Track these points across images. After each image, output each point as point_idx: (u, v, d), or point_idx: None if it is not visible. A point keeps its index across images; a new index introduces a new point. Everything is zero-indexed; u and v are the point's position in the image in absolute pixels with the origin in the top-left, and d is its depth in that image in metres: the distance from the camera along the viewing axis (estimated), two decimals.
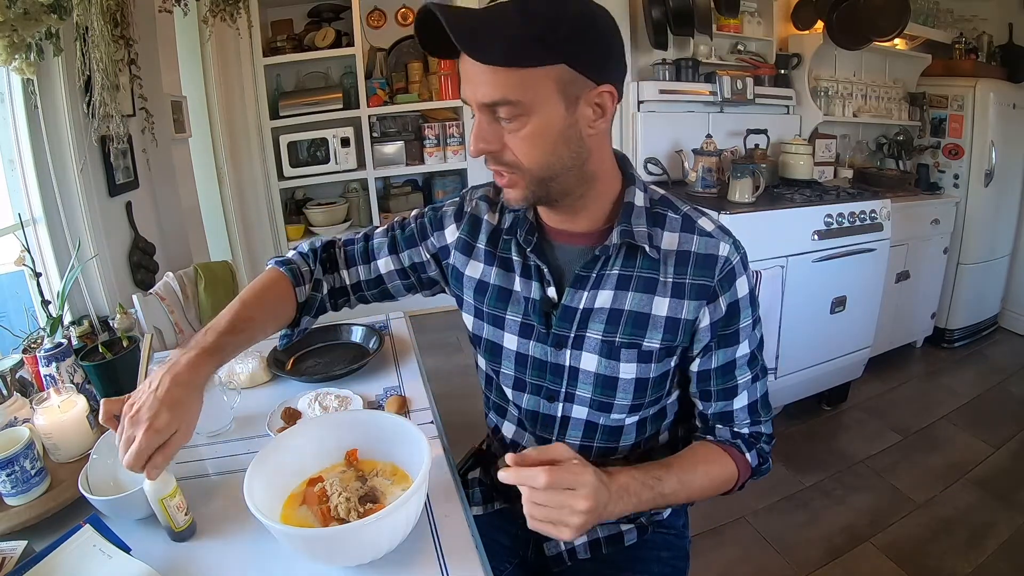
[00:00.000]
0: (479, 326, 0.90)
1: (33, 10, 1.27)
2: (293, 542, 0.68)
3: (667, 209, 0.80)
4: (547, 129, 0.69)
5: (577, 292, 0.80)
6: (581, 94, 0.69)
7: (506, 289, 0.86)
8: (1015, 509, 1.84)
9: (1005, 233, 2.99)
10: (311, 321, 0.96)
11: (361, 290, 0.97)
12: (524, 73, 0.66)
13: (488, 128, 0.70)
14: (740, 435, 0.85)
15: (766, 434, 0.85)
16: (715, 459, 0.82)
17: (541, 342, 0.84)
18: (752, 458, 0.83)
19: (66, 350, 1.01)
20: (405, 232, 0.95)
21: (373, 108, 3.15)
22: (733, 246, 0.78)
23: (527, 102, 0.67)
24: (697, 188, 2.31)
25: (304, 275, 0.93)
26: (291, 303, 0.91)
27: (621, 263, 0.79)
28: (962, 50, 2.95)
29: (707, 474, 0.80)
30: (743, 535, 1.79)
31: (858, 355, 2.39)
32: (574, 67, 0.67)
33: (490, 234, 0.88)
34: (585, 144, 0.72)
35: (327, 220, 3.23)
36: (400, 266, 0.96)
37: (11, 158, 1.52)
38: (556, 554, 0.92)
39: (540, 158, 0.71)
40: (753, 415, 0.84)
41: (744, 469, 0.83)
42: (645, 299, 0.78)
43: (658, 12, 2.41)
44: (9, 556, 0.70)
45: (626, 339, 0.79)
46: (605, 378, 0.81)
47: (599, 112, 0.71)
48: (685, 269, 0.77)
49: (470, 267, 0.90)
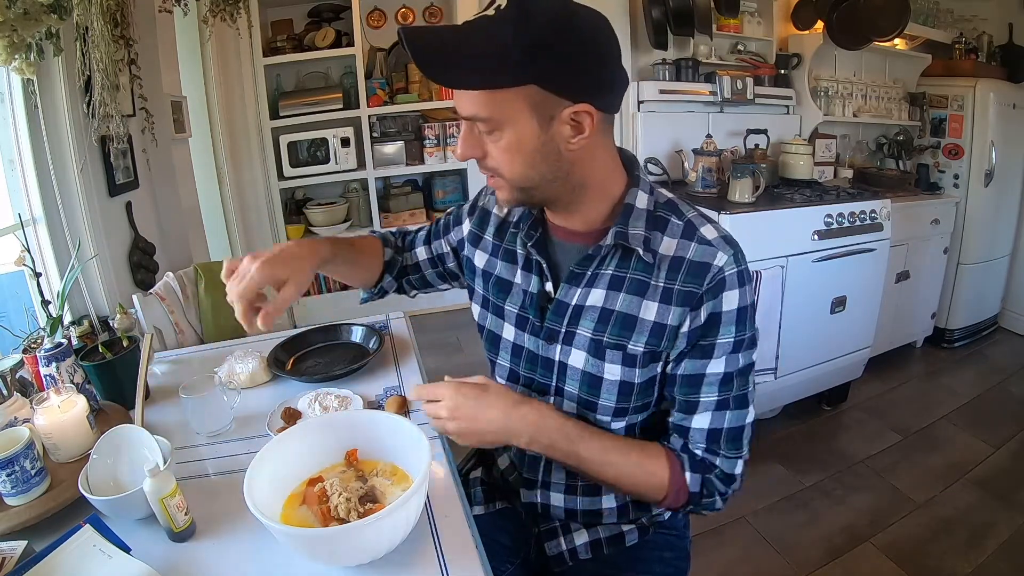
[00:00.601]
0: (483, 315, 0.95)
1: (33, 10, 1.27)
2: (293, 542, 0.68)
3: (671, 214, 0.79)
4: (521, 144, 0.71)
5: (571, 288, 0.82)
6: (555, 113, 0.70)
7: (508, 281, 0.90)
8: (1015, 509, 1.84)
9: (1005, 233, 2.99)
10: (392, 283, 1.09)
11: (408, 274, 1.10)
12: (495, 93, 0.68)
13: (471, 137, 0.74)
14: (690, 452, 0.80)
15: (722, 469, 0.79)
16: (650, 456, 0.80)
17: (534, 335, 0.86)
18: (692, 482, 0.79)
19: (66, 350, 1.01)
20: (438, 225, 1.07)
21: (373, 108, 3.16)
22: (733, 258, 0.75)
23: (499, 119, 0.69)
24: (697, 188, 2.31)
25: (390, 241, 1.10)
26: (379, 256, 1.06)
27: (616, 264, 0.80)
28: (962, 50, 2.95)
29: (637, 466, 0.79)
30: (743, 535, 1.79)
31: (858, 355, 2.39)
32: (545, 88, 0.68)
33: (498, 226, 0.94)
34: (565, 158, 0.73)
35: (327, 220, 3.23)
36: (430, 256, 1.08)
37: (11, 158, 1.51)
38: (557, 554, 0.93)
39: (518, 170, 0.73)
40: (711, 443, 0.79)
41: (677, 485, 0.79)
42: (635, 301, 0.78)
43: (658, 12, 2.41)
44: (9, 556, 0.70)
45: (613, 339, 0.79)
46: (591, 376, 0.81)
47: (577, 129, 0.71)
48: (677, 275, 0.76)
49: (478, 257, 0.96)
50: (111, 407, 1.06)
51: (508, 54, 0.65)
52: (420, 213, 3.40)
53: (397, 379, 1.16)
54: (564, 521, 0.93)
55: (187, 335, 1.74)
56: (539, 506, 0.93)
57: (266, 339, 1.34)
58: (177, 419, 1.03)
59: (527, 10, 0.65)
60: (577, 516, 0.92)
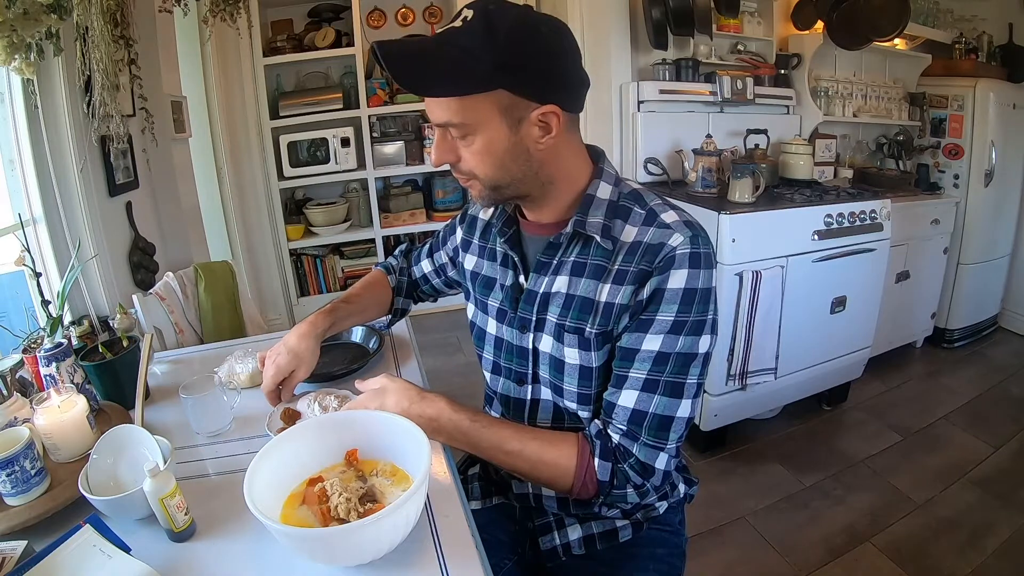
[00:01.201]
0: (474, 313, 1.00)
1: (33, 10, 1.27)
2: (293, 542, 0.68)
3: (634, 203, 0.82)
4: (492, 147, 0.75)
5: (539, 277, 0.86)
6: (524, 115, 0.74)
7: (491, 278, 0.96)
8: (1015, 509, 1.84)
9: (1005, 233, 2.99)
10: (406, 302, 1.22)
11: (418, 287, 1.21)
12: (466, 99, 0.72)
13: (444, 143, 0.78)
14: (606, 438, 0.79)
15: (638, 458, 0.77)
16: (559, 446, 0.80)
17: (510, 325, 0.91)
18: (601, 470, 0.77)
19: (66, 350, 1.01)
20: (438, 239, 1.15)
21: (373, 108, 3.16)
22: (689, 239, 0.75)
23: (471, 123, 0.74)
24: (697, 188, 2.31)
25: (395, 268, 1.21)
26: (386, 286, 1.19)
27: (577, 251, 0.83)
28: (962, 50, 2.95)
29: (539, 454, 0.80)
30: (743, 535, 1.79)
31: (858, 355, 2.39)
32: (513, 92, 0.72)
33: (483, 229, 1.00)
34: (535, 158, 0.78)
35: (327, 220, 3.23)
36: (434, 267, 1.17)
37: (11, 158, 1.51)
38: (551, 549, 0.94)
39: (490, 171, 0.78)
40: (633, 425, 0.77)
41: (584, 471, 0.78)
42: (592, 285, 0.81)
43: (658, 12, 2.40)
44: (9, 556, 0.70)
45: (573, 324, 0.82)
46: (556, 360, 0.85)
47: (545, 129, 0.76)
48: (633, 258, 0.78)
49: (468, 260, 1.02)
50: (111, 407, 1.06)
51: (477, 62, 0.70)
52: (420, 213, 3.40)
53: None
54: (558, 515, 0.94)
55: (187, 335, 1.74)
56: (531, 497, 0.95)
57: (266, 339, 1.34)
58: (177, 419, 1.03)
59: (492, 21, 0.70)
60: (569, 508, 0.92)
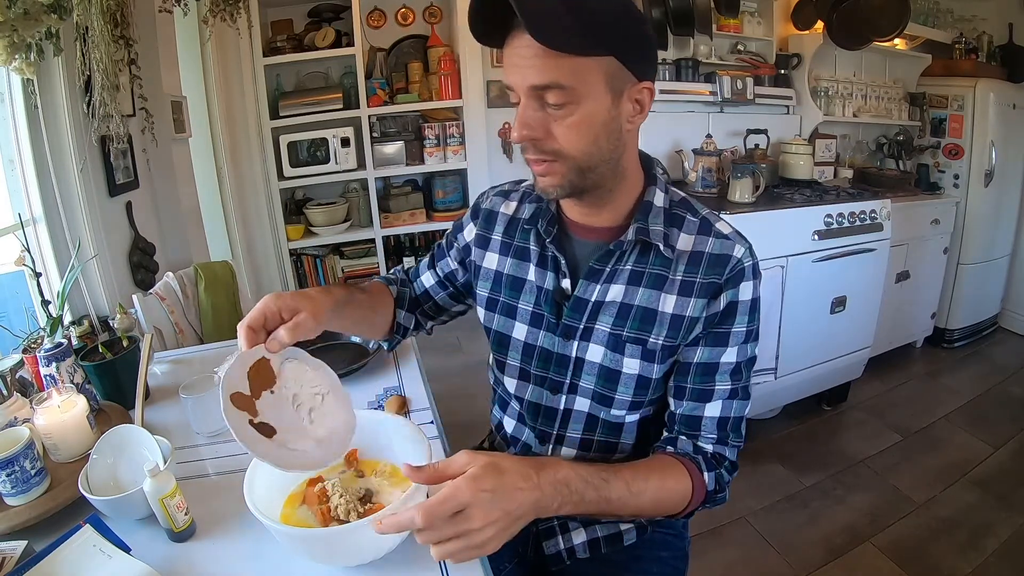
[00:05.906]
0: (490, 317, 0.93)
1: (33, 10, 1.27)
2: (293, 542, 0.68)
3: (686, 212, 0.82)
4: (593, 118, 0.71)
5: (590, 284, 0.82)
6: (624, 88, 0.72)
7: (519, 278, 0.89)
8: (1015, 509, 1.84)
9: (1005, 233, 2.99)
10: (408, 318, 1.03)
11: (420, 304, 1.04)
12: (575, 61, 0.67)
13: (534, 115, 0.71)
14: (702, 451, 0.80)
15: (729, 460, 0.81)
16: (671, 473, 0.76)
17: (550, 332, 0.86)
18: (710, 481, 0.78)
19: (66, 350, 1.01)
20: (439, 248, 1.04)
21: (373, 108, 3.15)
22: (748, 251, 0.79)
23: (577, 88, 0.69)
24: (697, 188, 2.31)
25: (393, 279, 1.04)
26: (388, 295, 1.01)
27: (635, 259, 0.81)
28: (962, 50, 2.95)
29: (661, 487, 0.74)
30: (743, 535, 1.79)
31: (858, 355, 2.39)
32: (621, 60, 0.70)
33: (507, 225, 0.93)
34: (623, 138, 0.75)
35: (327, 220, 3.22)
36: (438, 278, 1.02)
37: (11, 158, 1.51)
38: (555, 553, 0.92)
39: (584, 146, 0.72)
40: (721, 431, 0.80)
41: (699, 490, 0.77)
42: (654, 295, 0.79)
43: (658, 12, 2.40)
44: (9, 556, 0.70)
45: (632, 334, 0.80)
46: (608, 371, 0.82)
47: (638, 108, 0.74)
48: (697, 269, 0.78)
49: (486, 259, 0.94)
50: (111, 407, 1.06)
51: (593, 23, 0.67)
52: (420, 213, 3.39)
53: (397, 379, 1.16)
54: (561, 519, 0.93)
55: (187, 335, 1.74)
56: None
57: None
58: (177, 419, 1.03)
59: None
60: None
